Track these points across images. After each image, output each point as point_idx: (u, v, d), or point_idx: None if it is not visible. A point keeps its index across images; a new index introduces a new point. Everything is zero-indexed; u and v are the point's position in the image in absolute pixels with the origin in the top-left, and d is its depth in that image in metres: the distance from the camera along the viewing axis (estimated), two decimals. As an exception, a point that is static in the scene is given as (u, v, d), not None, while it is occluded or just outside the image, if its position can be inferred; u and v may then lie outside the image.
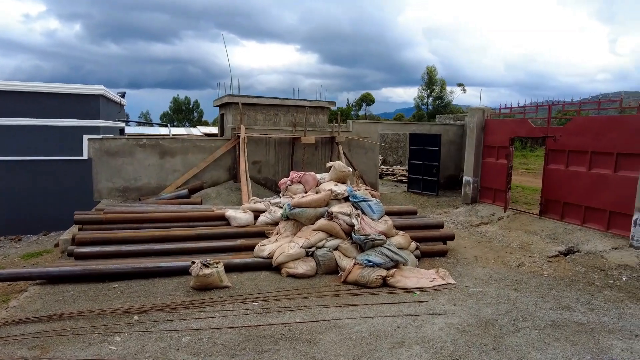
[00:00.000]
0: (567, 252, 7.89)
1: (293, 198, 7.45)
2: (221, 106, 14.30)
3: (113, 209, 8.34)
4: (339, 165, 8.05)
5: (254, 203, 8.12)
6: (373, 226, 6.96)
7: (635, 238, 7.71)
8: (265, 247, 6.73)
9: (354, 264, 6.38)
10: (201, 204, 9.96)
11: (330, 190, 7.48)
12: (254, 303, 5.48)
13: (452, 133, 16.28)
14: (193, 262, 6.03)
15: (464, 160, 13.08)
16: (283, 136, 13.01)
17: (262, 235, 7.38)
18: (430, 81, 40.30)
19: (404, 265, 6.69)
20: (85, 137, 11.21)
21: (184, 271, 6.18)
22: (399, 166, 23.25)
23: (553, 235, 8.89)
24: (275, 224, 7.52)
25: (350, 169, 8.26)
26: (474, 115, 12.36)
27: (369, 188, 8.31)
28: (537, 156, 27.71)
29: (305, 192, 7.83)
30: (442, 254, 7.91)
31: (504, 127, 11.44)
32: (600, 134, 8.54)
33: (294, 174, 8.09)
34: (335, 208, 7.17)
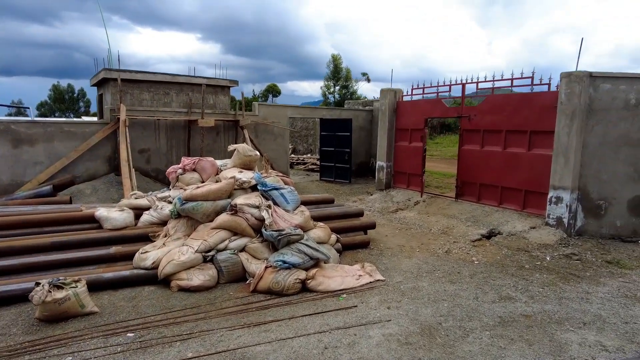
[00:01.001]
0: (490, 235, 7.54)
1: (186, 190, 5.94)
2: (99, 85, 11.88)
3: None
4: (244, 148, 6.70)
5: (135, 198, 6.41)
6: (287, 219, 5.78)
7: (550, 216, 7.61)
8: (148, 255, 5.16)
9: (266, 267, 5.15)
10: (70, 203, 7.86)
11: (234, 178, 6.12)
12: (128, 334, 3.97)
13: (362, 119, 15.75)
14: (37, 284, 4.30)
15: (374, 146, 12.53)
16: (176, 119, 11.13)
17: (146, 238, 5.74)
18: (336, 69, 40.10)
19: (325, 263, 5.64)
20: None
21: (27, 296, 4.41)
22: (309, 155, 22.41)
23: (472, 218, 8.57)
24: (163, 223, 5.93)
25: (257, 153, 6.96)
26: (385, 96, 11.78)
27: (281, 174, 7.10)
28: (437, 143, 29.02)
29: (203, 182, 6.36)
30: (365, 244, 7.05)
31: (417, 108, 11.01)
32: (514, 112, 8.36)
33: (186, 160, 6.54)
34: (240, 199, 5.83)
